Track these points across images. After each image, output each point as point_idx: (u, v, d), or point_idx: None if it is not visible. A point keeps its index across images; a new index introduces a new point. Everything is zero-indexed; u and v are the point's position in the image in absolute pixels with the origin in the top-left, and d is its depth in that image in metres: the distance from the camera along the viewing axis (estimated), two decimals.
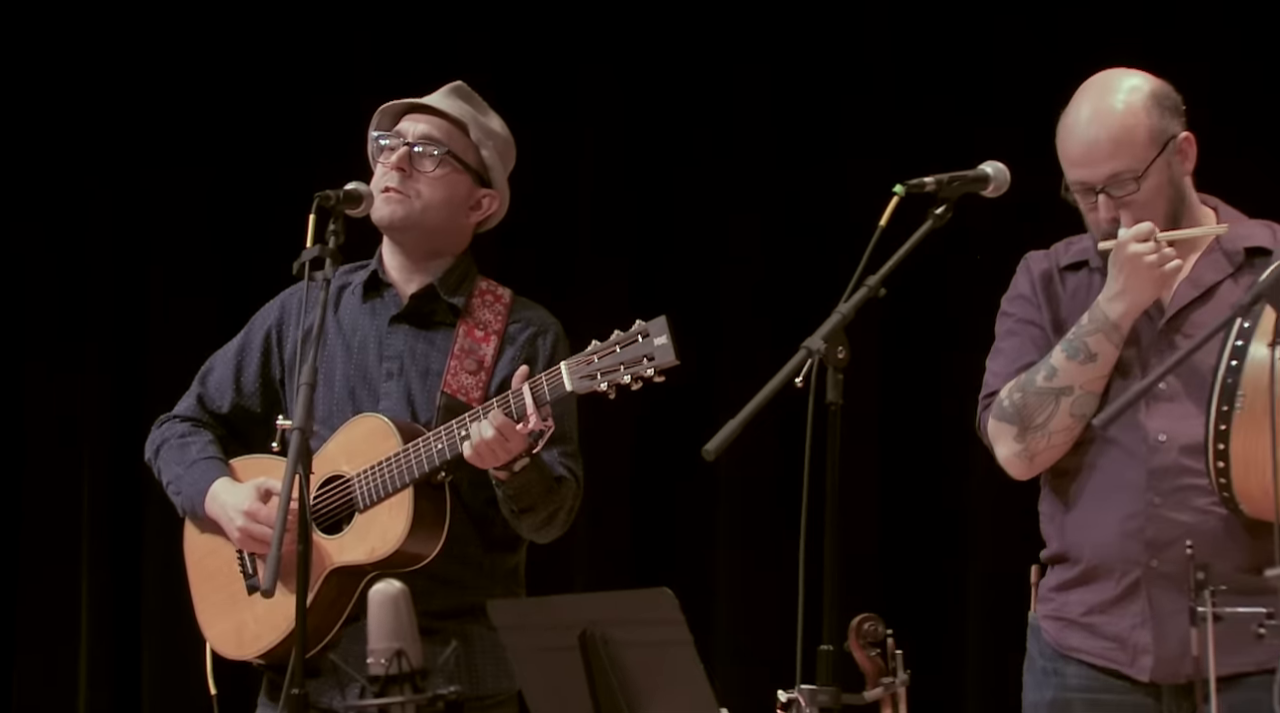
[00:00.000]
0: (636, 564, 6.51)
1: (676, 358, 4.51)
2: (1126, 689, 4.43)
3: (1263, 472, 4.21)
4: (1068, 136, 4.45)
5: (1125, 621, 4.43)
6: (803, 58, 6.54)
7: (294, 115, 6.67)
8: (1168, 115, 4.44)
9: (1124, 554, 4.42)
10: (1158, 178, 4.41)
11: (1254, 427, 4.19)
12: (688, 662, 4.02)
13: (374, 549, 4.67)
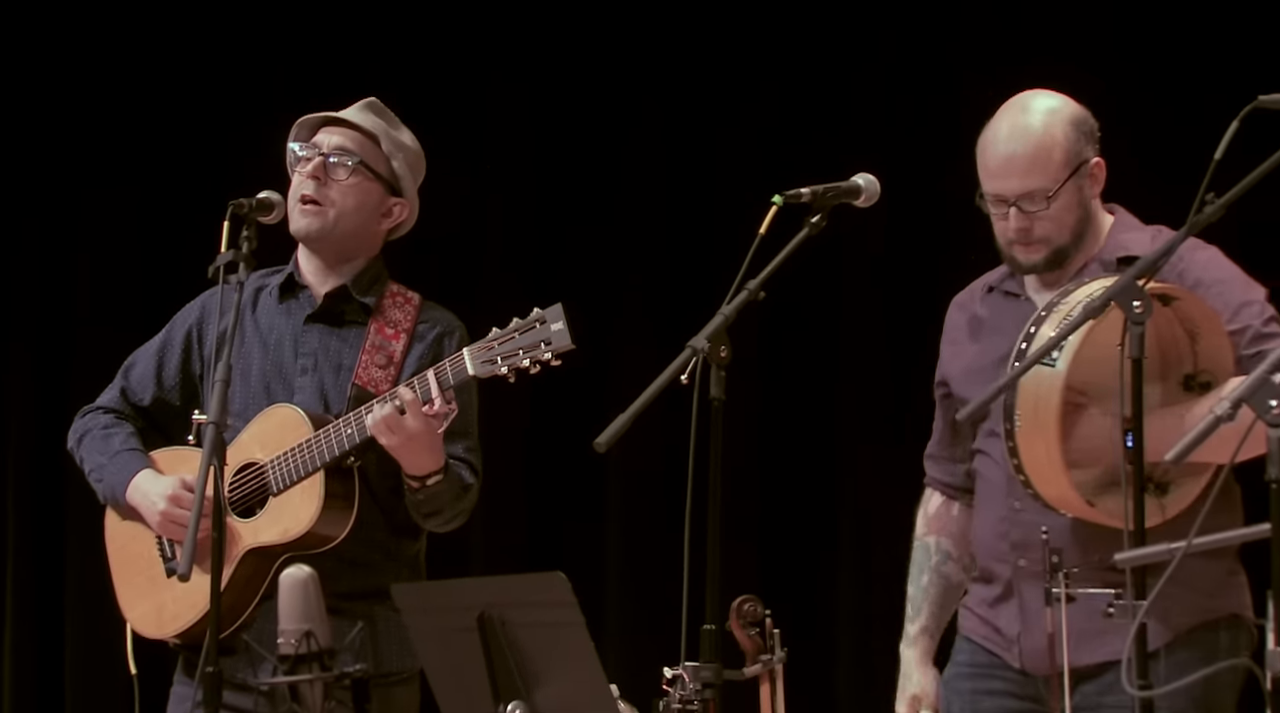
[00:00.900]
0: (531, 550, 6.51)
1: (572, 342, 4.52)
2: (1009, 673, 4.47)
3: (1045, 479, 4.25)
4: (987, 149, 4.44)
5: (1005, 615, 4.47)
6: (694, 76, 6.55)
7: (214, 129, 6.63)
8: (1083, 140, 4.44)
9: (998, 555, 4.47)
10: (1068, 198, 4.42)
11: (1029, 437, 4.24)
12: (580, 641, 4.02)
13: (287, 530, 4.66)
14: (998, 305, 4.55)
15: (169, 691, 4.83)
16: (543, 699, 4.05)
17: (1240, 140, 3.69)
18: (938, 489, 4.68)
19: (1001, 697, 4.45)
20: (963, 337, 4.60)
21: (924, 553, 4.67)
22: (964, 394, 4.53)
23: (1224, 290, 4.33)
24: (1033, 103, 4.46)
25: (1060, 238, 4.43)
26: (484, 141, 6.67)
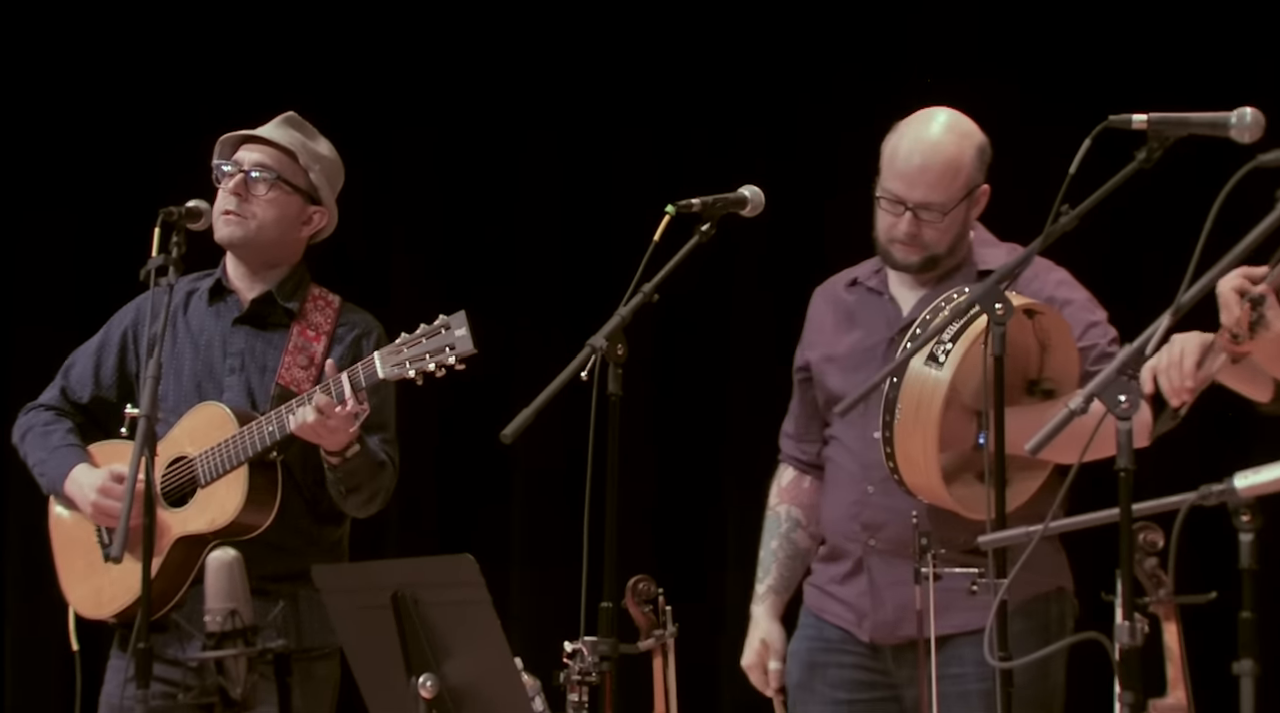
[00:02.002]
0: (441, 535, 6.51)
1: (475, 347, 4.53)
2: (857, 646, 4.52)
3: (917, 469, 4.30)
4: (900, 154, 4.47)
5: (854, 590, 4.51)
6: (590, 96, 6.56)
7: (145, 143, 6.60)
8: (982, 168, 4.50)
9: (850, 535, 4.51)
10: (957, 215, 4.47)
11: (907, 432, 4.29)
12: (486, 618, 4.03)
13: (213, 520, 4.66)
14: (862, 300, 4.60)
15: (107, 664, 4.83)
16: (452, 672, 4.05)
17: (1092, 157, 3.73)
18: (791, 464, 4.72)
19: (850, 669, 4.49)
20: (826, 325, 4.64)
21: (775, 520, 4.71)
22: (828, 382, 4.58)
23: (1074, 311, 4.41)
24: (951, 123, 4.50)
25: (939, 248, 4.49)
26: (393, 157, 6.66)
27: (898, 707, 4.46)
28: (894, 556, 4.41)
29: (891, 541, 4.42)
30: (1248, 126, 3.66)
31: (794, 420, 4.72)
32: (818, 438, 4.65)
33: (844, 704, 4.49)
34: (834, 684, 4.50)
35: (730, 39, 6.45)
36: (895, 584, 4.40)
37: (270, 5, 6.64)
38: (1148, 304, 3.53)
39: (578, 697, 4.25)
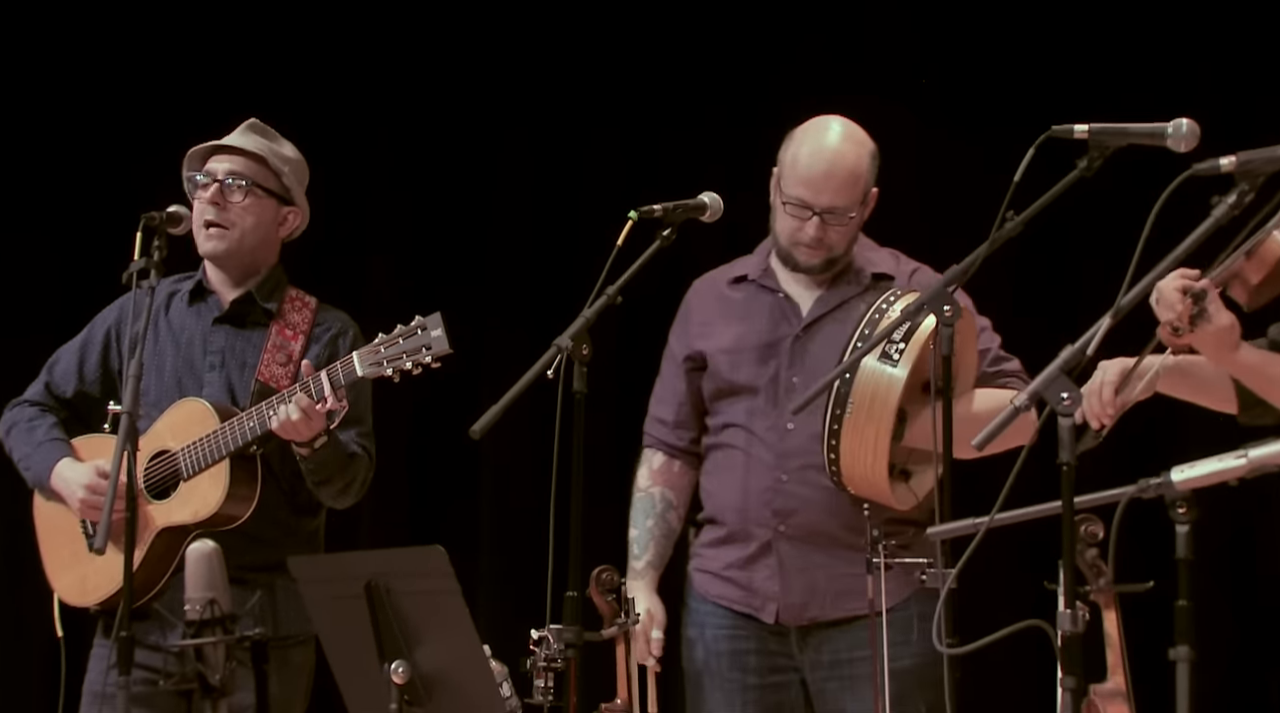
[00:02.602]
0: (413, 527, 6.50)
1: (450, 347, 4.55)
2: (758, 629, 4.53)
3: (862, 463, 4.33)
4: (803, 160, 4.53)
5: (760, 574, 4.52)
6: (559, 107, 6.57)
7: (125, 151, 6.58)
8: (874, 174, 4.56)
9: (760, 520, 4.52)
10: (858, 217, 4.55)
11: (857, 427, 4.31)
12: (456, 607, 4.03)
13: (196, 512, 4.66)
14: (754, 296, 4.64)
15: (90, 651, 4.82)
16: (423, 658, 4.06)
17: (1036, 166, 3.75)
18: (661, 449, 4.74)
19: (755, 655, 4.52)
20: (713, 319, 4.67)
21: (649, 501, 4.73)
22: (726, 374, 4.61)
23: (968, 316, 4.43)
24: (847, 131, 4.56)
25: (839, 249, 4.55)
26: (368, 165, 6.66)
27: (801, 690, 4.48)
28: (803, 541, 4.45)
29: (801, 527, 4.45)
30: (1184, 137, 3.69)
31: (671, 408, 4.73)
32: (696, 426, 4.68)
33: (752, 689, 4.51)
34: (743, 669, 4.52)
35: (693, 53, 6.46)
36: (804, 569, 4.44)
37: (242, 10, 6.62)
38: (1089, 306, 3.56)
39: (544, 682, 4.26)
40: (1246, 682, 5.80)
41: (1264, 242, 3.68)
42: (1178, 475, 3.50)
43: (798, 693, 4.48)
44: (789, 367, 4.52)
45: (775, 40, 6.37)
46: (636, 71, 6.51)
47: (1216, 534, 5.35)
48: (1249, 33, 5.93)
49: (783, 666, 4.49)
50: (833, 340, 4.46)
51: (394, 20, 6.62)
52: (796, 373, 4.52)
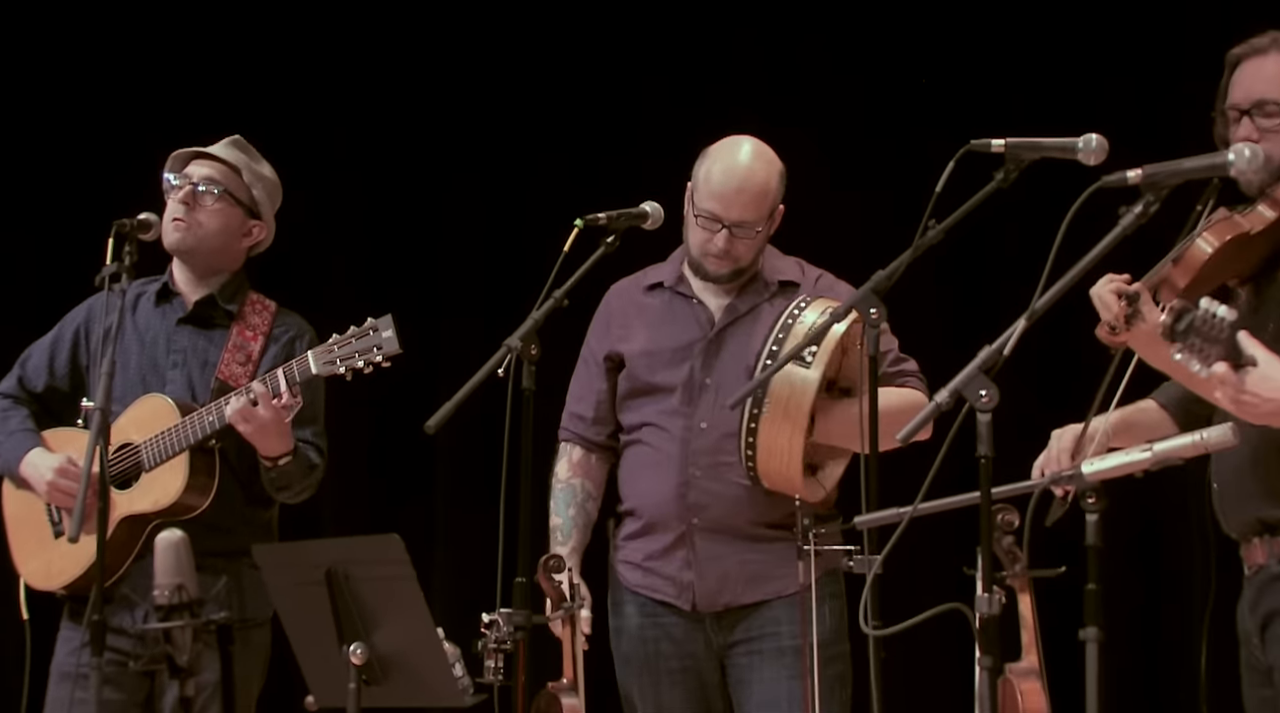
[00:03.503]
0: (371, 516, 6.48)
1: (400, 347, 4.55)
2: (675, 617, 4.54)
3: (778, 459, 4.34)
4: (717, 177, 4.54)
5: (675, 564, 4.54)
6: (508, 120, 6.57)
7: (99, 160, 6.55)
8: (782, 191, 4.59)
9: (676, 513, 4.54)
10: (764, 231, 4.57)
11: (774, 425, 4.33)
12: (411, 593, 4.04)
13: (157, 501, 4.64)
14: (670, 302, 4.66)
15: (56, 633, 4.80)
16: (380, 640, 4.06)
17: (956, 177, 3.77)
18: (579, 443, 4.75)
19: (680, 640, 4.53)
20: (631, 322, 4.69)
21: (570, 491, 4.73)
22: (643, 375, 4.62)
23: None
24: (757, 150, 4.59)
25: (745, 261, 4.58)
26: (329, 179, 6.64)
27: (720, 672, 4.50)
28: (715, 533, 4.48)
29: (713, 520, 4.48)
30: (1093, 150, 3.72)
31: (589, 405, 4.74)
32: (612, 422, 4.69)
33: (675, 673, 4.52)
34: (670, 656, 4.53)
35: (635, 69, 6.47)
36: (715, 559, 4.46)
37: (216, 25, 6.60)
38: (1006, 309, 3.58)
39: (494, 663, 4.25)
40: (1151, 661, 5.84)
41: (1189, 249, 3.72)
42: (1088, 468, 3.53)
43: (716, 675, 4.50)
44: (702, 369, 4.55)
45: (709, 60, 6.38)
46: (584, 87, 6.51)
47: (1126, 524, 5.38)
48: (1155, 54, 5.96)
49: (701, 650, 4.51)
50: (742, 344, 4.50)
51: (355, 37, 6.60)
52: (709, 375, 4.55)
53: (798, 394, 4.27)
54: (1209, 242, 3.72)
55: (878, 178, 5.96)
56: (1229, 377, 3.27)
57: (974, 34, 6.12)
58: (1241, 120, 3.82)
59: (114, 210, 4.63)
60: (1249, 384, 3.27)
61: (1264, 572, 3.77)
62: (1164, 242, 3.80)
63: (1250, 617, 3.82)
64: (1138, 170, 3.47)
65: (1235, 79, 3.85)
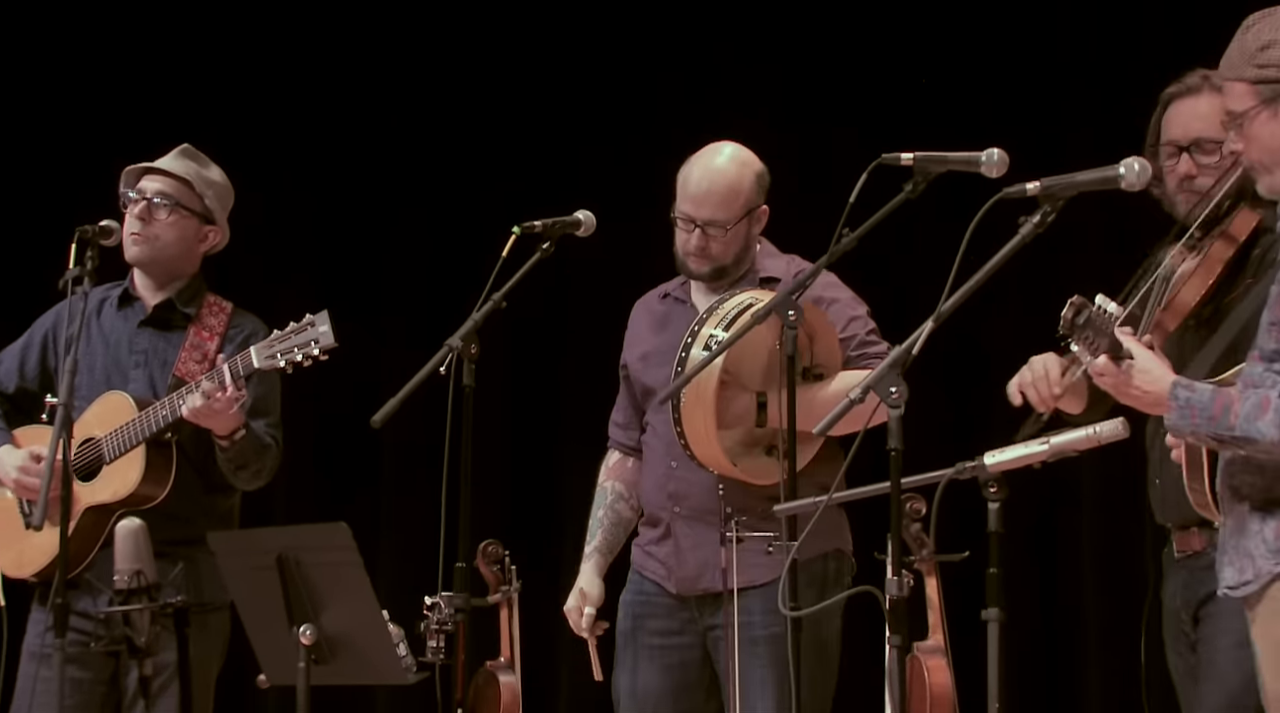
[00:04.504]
0: (320, 505, 6.47)
1: (335, 341, 4.53)
2: (669, 598, 4.55)
3: (702, 444, 4.33)
4: (690, 180, 4.52)
5: (665, 550, 4.53)
6: (452, 131, 6.56)
7: (61, 170, 6.50)
8: (760, 191, 4.54)
9: (660, 504, 4.54)
10: (739, 231, 4.52)
11: (691, 410, 4.33)
12: (358, 577, 4.04)
13: (116, 491, 4.62)
14: (670, 308, 4.66)
15: (29, 616, 4.77)
16: (328, 622, 4.05)
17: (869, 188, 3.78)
18: (616, 448, 4.74)
19: (661, 617, 4.52)
20: (642, 330, 4.69)
21: (603, 494, 4.72)
22: (641, 377, 4.63)
23: (839, 307, 4.47)
24: (734, 154, 4.55)
25: (725, 259, 4.54)
26: (283, 183, 6.61)
27: (702, 650, 4.49)
28: (695, 521, 4.46)
29: (693, 508, 4.46)
30: (995, 163, 3.74)
31: (620, 411, 4.75)
32: (639, 426, 4.68)
33: (659, 650, 4.52)
34: (653, 632, 4.53)
35: (571, 85, 6.46)
36: (696, 546, 4.44)
37: (173, 40, 6.56)
38: (913, 311, 3.60)
39: (436, 643, 4.24)
40: (1047, 640, 5.88)
41: (1178, 297, 3.77)
42: (990, 459, 3.56)
43: (699, 653, 4.48)
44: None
45: (651, 74, 6.38)
46: (525, 97, 6.50)
47: (1025, 512, 5.42)
48: (1054, 74, 6.01)
49: (685, 629, 4.49)
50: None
51: (304, 48, 6.57)
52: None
53: (704, 382, 4.27)
54: (1195, 289, 3.77)
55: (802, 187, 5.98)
56: (1109, 368, 3.32)
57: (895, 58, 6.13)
58: (1180, 156, 3.87)
59: (77, 217, 4.61)
60: (1135, 379, 3.31)
61: (1201, 557, 3.83)
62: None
63: (1181, 594, 3.88)
64: (1036, 183, 3.50)
65: (1169, 117, 3.90)
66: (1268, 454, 3.23)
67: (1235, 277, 3.82)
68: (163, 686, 4.45)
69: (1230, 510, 3.34)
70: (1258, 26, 3.36)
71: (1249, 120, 3.35)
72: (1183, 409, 3.28)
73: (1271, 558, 3.26)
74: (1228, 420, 3.23)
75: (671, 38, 6.36)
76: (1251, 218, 3.78)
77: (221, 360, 4.57)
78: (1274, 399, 3.20)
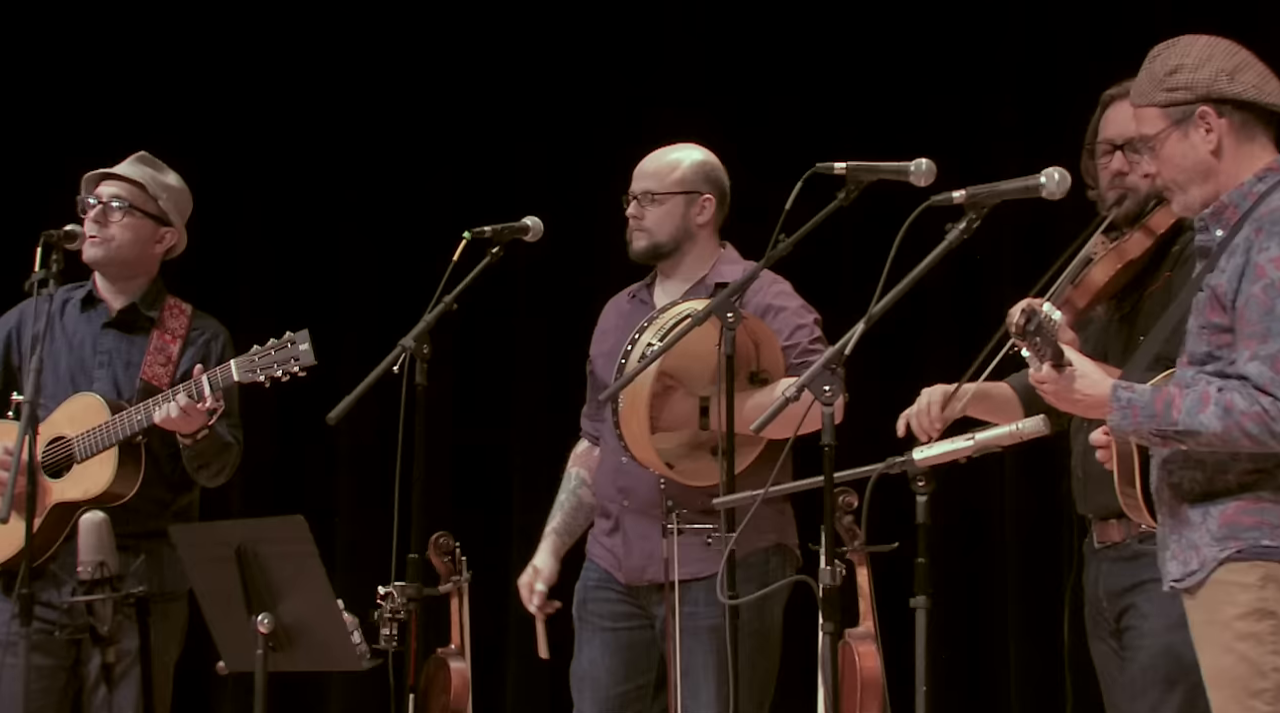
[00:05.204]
0: (277, 499, 6.43)
1: (315, 360, 4.52)
2: (618, 585, 4.54)
3: (639, 446, 4.33)
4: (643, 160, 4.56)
5: (614, 541, 4.54)
6: (400, 138, 6.54)
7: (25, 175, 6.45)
8: (702, 179, 4.52)
9: (610, 497, 4.54)
10: (673, 207, 4.50)
11: (629, 415, 4.34)
12: (314, 568, 4.04)
13: (87, 490, 4.60)
14: (634, 308, 4.65)
15: None
16: (285, 611, 4.05)
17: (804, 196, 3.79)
18: (585, 437, 4.74)
19: (613, 603, 4.52)
20: (609, 328, 4.68)
21: (568, 479, 4.72)
22: (599, 372, 4.63)
23: (786, 316, 4.45)
24: (685, 145, 4.57)
25: (658, 234, 4.52)
26: (241, 186, 6.58)
27: (650, 633, 4.49)
28: (641, 515, 4.45)
29: (640, 502, 4.46)
30: (924, 173, 3.76)
31: (589, 404, 4.75)
32: (601, 418, 4.68)
33: (608, 632, 4.51)
34: (600, 615, 4.53)
35: (521, 97, 6.46)
36: (642, 538, 4.44)
37: (135, 50, 6.52)
38: (846, 312, 3.61)
39: (389, 631, 4.24)
40: (972, 626, 5.91)
41: (1088, 275, 3.82)
42: (918, 455, 3.57)
43: (648, 637, 4.47)
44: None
45: (596, 86, 6.38)
46: (473, 107, 6.49)
47: (952, 505, 5.45)
48: (978, 86, 6.04)
49: (634, 614, 4.48)
50: None
51: (255, 63, 6.54)
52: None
53: (638, 388, 4.27)
54: (1105, 270, 3.83)
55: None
56: (1052, 375, 3.34)
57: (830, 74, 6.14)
58: (1114, 154, 3.92)
59: (41, 222, 4.58)
60: (1077, 384, 3.33)
61: (1121, 548, 3.86)
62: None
63: (1103, 583, 3.90)
64: (962, 192, 3.52)
65: (1108, 117, 3.95)
66: (1209, 446, 3.27)
67: (1154, 270, 3.88)
68: (124, 672, 4.43)
69: (1168, 508, 3.36)
70: (1164, 54, 3.40)
71: (1160, 143, 3.39)
72: (1124, 410, 3.30)
73: (1217, 545, 3.29)
74: (1170, 416, 3.26)
75: (616, 49, 6.36)
76: (1171, 213, 3.83)
77: (199, 371, 4.55)
78: (1213, 393, 3.24)
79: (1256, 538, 3.26)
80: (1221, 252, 3.33)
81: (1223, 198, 3.37)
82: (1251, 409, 3.20)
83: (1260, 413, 3.20)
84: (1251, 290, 3.25)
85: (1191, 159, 3.37)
